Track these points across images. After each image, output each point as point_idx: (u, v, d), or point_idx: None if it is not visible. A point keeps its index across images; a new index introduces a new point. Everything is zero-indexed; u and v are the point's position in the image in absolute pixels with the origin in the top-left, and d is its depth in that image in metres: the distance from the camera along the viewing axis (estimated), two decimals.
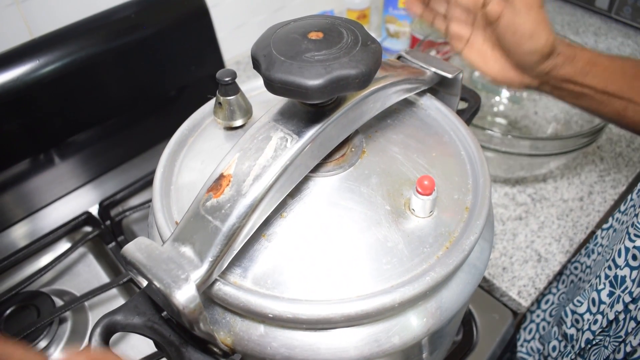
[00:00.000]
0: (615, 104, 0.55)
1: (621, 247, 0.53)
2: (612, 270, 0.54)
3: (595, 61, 0.53)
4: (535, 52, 0.50)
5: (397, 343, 0.35)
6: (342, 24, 0.34)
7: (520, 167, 0.78)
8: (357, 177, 0.39)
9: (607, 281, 0.54)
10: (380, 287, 0.34)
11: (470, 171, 0.42)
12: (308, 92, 0.30)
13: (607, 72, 0.54)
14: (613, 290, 0.53)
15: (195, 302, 0.30)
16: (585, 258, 0.68)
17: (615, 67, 0.54)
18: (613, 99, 0.55)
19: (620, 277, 0.53)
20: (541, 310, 0.76)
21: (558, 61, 0.52)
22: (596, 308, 0.55)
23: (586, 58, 0.53)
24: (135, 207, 0.76)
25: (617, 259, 0.53)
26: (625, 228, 0.55)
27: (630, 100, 0.55)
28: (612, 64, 0.54)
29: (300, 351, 0.34)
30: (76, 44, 0.70)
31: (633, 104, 0.55)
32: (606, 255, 0.57)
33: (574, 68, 0.53)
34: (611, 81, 0.54)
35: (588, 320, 0.57)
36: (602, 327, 0.55)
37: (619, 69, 0.54)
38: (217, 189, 0.33)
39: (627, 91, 0.54)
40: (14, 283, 0.68)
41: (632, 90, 0.54)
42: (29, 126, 0.70)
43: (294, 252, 0.35)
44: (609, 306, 0.54)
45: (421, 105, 0.48)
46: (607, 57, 0.55)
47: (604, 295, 0.54)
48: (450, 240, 0.36)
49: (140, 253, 0.31)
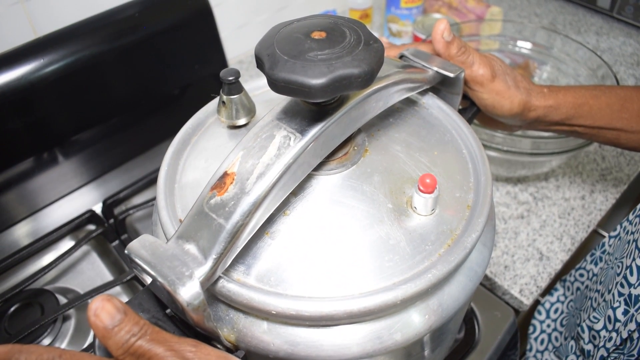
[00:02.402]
0: (608, 135, 0.58)
1: (633, 264, 0.53)
2: (625, 287, 0.54)
3: (580, 103, 0.55)
4: (505, 116, 0.53)
5: (399, 340, 0.35)
6: (344, 23, 0.35)
7: (522, 166, 0.78)
8: (360, 175, 0.39)
9: (621, 299, 0.54)
10: (383, 284, 0.34)
11: (472, 169, 0.42)
12: (311, 91, 0.31)
13: (593, 111, 0.55)
14: (627, 309, 0.54)
15: (199, 298, 0.30)
16: (592, 265, 0.68)
17: (600, 104, 0.56)
18: (604, 131, 0.57)
19: (635, 295, 0.53)
20: (551, 320, 0.76)
21: (539, 113, 0.54)
22: (612, 325, 0.56)
23: (570, 103, 0.55)
24: (139, 206, 0.77)
25: (629, 277, 0.54)
26: (633, 240, 0.55)
27: (621, 130, 0.57)
28: (597, 102, 0.56)
29: (304, 348, 0.34)
30: (80, 43, 0.70)
31: (624, 132, 0.57)
32: (616, 269, 0.57)
33: (559, 115, 0.55)
34: (599, 118, 0.56)
35: (604, 337, 0.57)
36: (616, 345, 0.55)
37: (605, 106, 0.56)
38: (221, 187, 0.33)
39: (617, 123, 0.56)
40: (18, 281, 0.68)
41: (621, 121, 0.56)
42: (33, 125, 0.71)
43: (297, 250, 0.36)
44: (623, 324, 0.54)
45: (423, 104, 0.48)
46: (591, 95, 0.56)
47: (619, 313, 0.55)
48: (452, 238, 0.37)
49: (145, 250, 0.32)
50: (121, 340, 0.27)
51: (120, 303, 0.28)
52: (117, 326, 0.27)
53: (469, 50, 0.50)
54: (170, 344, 0.28)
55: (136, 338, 0.27)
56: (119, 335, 0.27)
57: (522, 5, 1.30)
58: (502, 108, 0.51)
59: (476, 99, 0.52)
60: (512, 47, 0.96)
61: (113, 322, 0.27)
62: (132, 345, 0.27)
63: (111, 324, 0.27)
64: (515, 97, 0.51)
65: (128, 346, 0.27)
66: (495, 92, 0.51)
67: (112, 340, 0.27)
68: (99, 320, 0.27)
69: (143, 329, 0.28)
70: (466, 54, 0.50)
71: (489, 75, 0.50)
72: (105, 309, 0.27)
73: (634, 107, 0.56)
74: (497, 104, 0.51)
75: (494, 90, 0.51)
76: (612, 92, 0.57)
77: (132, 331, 0.27)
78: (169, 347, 0.28)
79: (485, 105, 0.52)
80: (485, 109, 0.52)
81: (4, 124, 0.68)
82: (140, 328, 0.28)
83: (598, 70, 0.84)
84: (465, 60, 0.49)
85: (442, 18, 0.55)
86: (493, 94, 0.51)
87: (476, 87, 0.51)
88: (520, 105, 0.52)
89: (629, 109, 0.56)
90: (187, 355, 0.28)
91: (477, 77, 0.50)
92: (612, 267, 0.59)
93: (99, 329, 0.27)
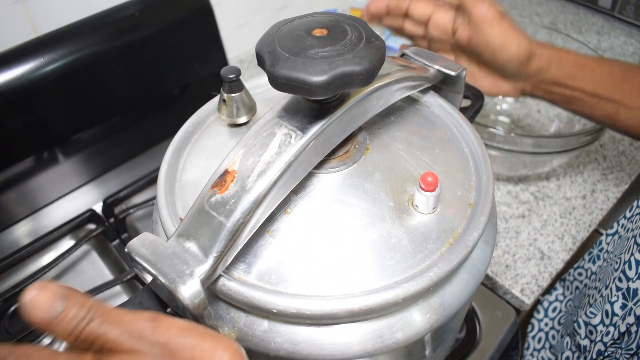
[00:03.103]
0: (607, 107, 0.56)
1: (631, 259, 0.53)
2: (623, 282, 0.54)
3: (582, 63, 0.54)
4: (512, 59, 0.52)
5: (400, 339, 0.35)
6: (346, 21, 0.35)
7: (523, 165, 0.78)
8: (361, 173, 0.39)
9: (619, 293, 0.54)
10: (384, 282, 0.34)
11: (474, 168, 0.42)
12: (312, 88, 0.30)
13: (595, 75, 0.55)
14: (625, 303, 0.54)
15: (200, 297, 0.30)
16: (590, 264, 0.68)
17: (602, 69, 0.55)
18: (603, 102, 0.56)
19: (633, 289, 0.53)
20: (549, 319, 0.76)
21: (542, 64, 0.53)
22: (609, 320, 0.56)
23: (572, 61, 0.54)
24: (139, 205, 0.77)
25: (627, 271, 0.54)
26: (632, 236, 0.55)
27: (620, 102, 0.56)
28: (599, 67, 0.55)
29: (304, 346, 0.34)
30: (80, 42, 0.70)
31: (623, 106, 0.56)
32: (614, 264, 0.57)
33: (561, 71, 0.54)
34: (600, 84, 0.55)
35: (601, 331, 0.57)
36: (614, 339, 0.55)
37: (607, 71, 0.55)
38: (222, 184, 0.33)
39: (617, 93, 0.55)
40: (18, 280, 0.68)
41: (622, 92, 0.55)
42: (33, 124, 0.71)
43: (298, 248, 0.35)
44: (621, 318, 0.54)
45: (424, 103, 0.48)
46: (593, 59, 0.56)
47: (616, 307, 0.55)
48: (454, 236, 0.36)
49: (145, 248, 0.32)
50: (68, 328, 0.24)
51: (60, 287, 0.24)
52: (59, 315, 0.23)
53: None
54: (125, 323, 0.25)
55: (85, 323, 0.24)
56: (64, 323, 0.24)
57: (523, 5, 1.30)
58: (510, 50, 0.51)
59: (484, 41, 0.52)
60: None
61: (53, 313, 0.23)
62: (82, 331, 0.24)
63: (51, 316, 0.23)
64: (523, 40, 0.51)
65: (77, 333, 0.24)
66: (505, 32, 0.51)
67: (58, 329, 0.24)
68: (34, 316, 0.23)
69: (91, 312, 0.24)
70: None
71: (500, 13, 0.50)
72: (39, 300, 0.23)
73: (636, 79, 0.55)
74: (507, 42, 0.51)
75: (503, 30, 0.51)
76: (615, 62, 0.57)
77: (79, 316, 0.24)
78: (123, 328, 0.25)
79: (495, 44, 0.51)
80: (494, 50, 0.52)
81: (4, 123, 0.68)
82: (88, 311, 0.24)
83: None
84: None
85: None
86: (502, 33, 0.51)
87: (487, 26, 0.51)
88: (526, 51, 0.52)
89: (631, 80, 0.55)
90: (145, 334, 0.25)
91: (488, 14, 0.50)
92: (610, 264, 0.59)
93: (40, 322, 0.23)
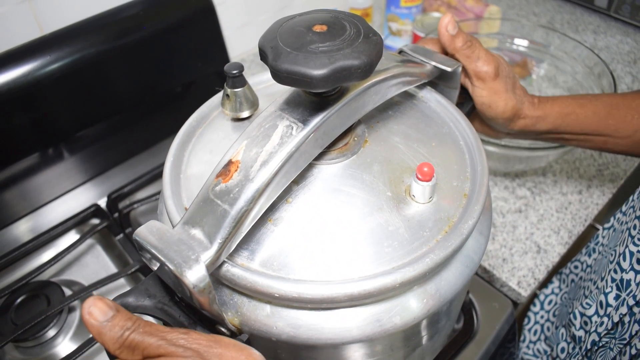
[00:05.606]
0: (595, 140, 0.59)
1: (625, 250, 0.55)
2: (617, 273, 0.55)
3: (566, 112, 0.56)
4: (497, 118, 0.54)
5: (398, 323, 0.36)
6: (345, 17, 0.36)
7: (520, 161, 0.79)
8: (360, 164, 0.41)
9: (613, 284, 0.56)
10: (382, 268, 0.35)
11: (469, 160, 0.43)
12: (313, 82, 0.32)
13: (580, 119, 0.57)
14: (619, 294, 0.55)
15: (205, 281, 0.31)
16: (586, 257, 0.69)
17: (587, 112, 0.57)
18: (592, 137, 0.59)
19: (626, 280, 0.54)
20: (545, 311, 0.77)
21: (527, 122, 0.55)
22: (603, 310, 0.57)
23: (556, 113, 0.56)
24: (143, 200, 0.78)
25: (622, 263, 0.55)
26: (626, 229, 0.56)
27: (608, 136, 0.58)
28: (584, 111, 0.57)
29: (305, 330, 0.35)
30: (85, 41, 0.72)
31: (612, 137, 0.58)
32: (609, 257, 0.58)
33: (546, 125, 0.56)
34: (585, 125, 0.57)
35: (595, 322, 0.58)
36: (608, 329, 0.56)
37: (591, 112, 0.57)
38: (226, 174, 0.34)
39: (604, 130, 0.58)
40: (25, 273, 0.69)
41: (608, 128, 0.58)
42: (39, 121, 0.72)
43: (299, 236, 0.37)
44: (615, 309, 0.55)
45: (421, 98, 0.49)
46: (577, 102, 0.57)
47: (610, 298, 0.56)
48: (449, 224, 0.38)
49: (152, 235, 0.33)
50: (115, 335, 0.29)
51: (112, 302, 0.30)
52: (110, 322, 0.29)
53: (475, 44, 0.51)
54: (162, 334, 0.30)
55: (130, 332, 0.29)
56: (114, 331, 0.29)
57: (520, 4, 1.31)
58: (496, 108, 0.53)
59: (474, 94, 0.53)
60: (510, 45, 0.97)
61: (106, 318, 0.29)
62: (127, 338, 0.29)
63: (104, 320, 0.29)
64: (510, 100, 0.53)
65: (122, 340, 0.29)
66: (494, 91, 0.52)
67: (107, 336, 0.29)
68: (92, 317, 0.29)
69: (136, 323, 0.30)
70: (472, 48, 0.51)
71: (492, 73, 0.51)
72: (97, 306, 0.29)
73: (620, 113, 0.57)
74: (493, 103, 0.52)
75: (493, 89, 0.52)
76: (598, 99, 0.58)
77: (125, 326, 0.29)
78: (161, 337, 0.30)
79: (482, 102, 0.53)
80: (481, 106, 0.53)
81: (10, 120, 0.69)
82: (133, 322, 0.30)
83: (595, 68, 0.85)
84: (470, 54, 0.50)
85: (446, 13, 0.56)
86: (491, 93, 0.52)
87: (477, 83, 0.52)
88: (513, 110, 0.53)
89: (615, 115, 0.57)
90: (179, 342, 0.30)
91: (480, 72, 0.51)
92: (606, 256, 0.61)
93: (94, 327, 0.29)
